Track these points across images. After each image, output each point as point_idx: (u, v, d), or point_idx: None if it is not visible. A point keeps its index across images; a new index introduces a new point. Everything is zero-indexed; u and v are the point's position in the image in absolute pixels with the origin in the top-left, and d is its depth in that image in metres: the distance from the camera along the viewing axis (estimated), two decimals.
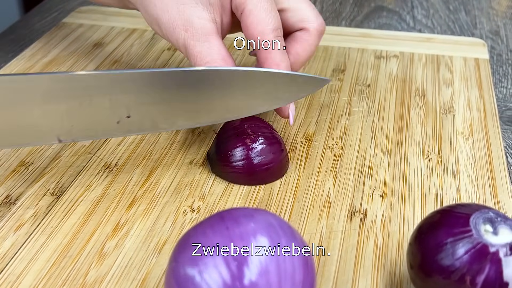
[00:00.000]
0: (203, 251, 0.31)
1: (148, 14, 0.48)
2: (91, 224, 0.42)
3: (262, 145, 0.46)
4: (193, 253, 0.32)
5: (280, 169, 0.47)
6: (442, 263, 0.33)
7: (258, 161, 0.45)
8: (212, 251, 0.31)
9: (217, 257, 0.31)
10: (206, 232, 0.32)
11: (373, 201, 0.45)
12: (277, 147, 0.46)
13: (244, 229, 0.32)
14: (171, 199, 0.45)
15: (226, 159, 0.46)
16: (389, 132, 0.52)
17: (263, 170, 0.46)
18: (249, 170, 0.45)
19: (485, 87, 0.59)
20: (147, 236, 0.42)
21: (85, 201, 0.45)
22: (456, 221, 0.34)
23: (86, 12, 0.74)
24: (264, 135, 0.46)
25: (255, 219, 0.33)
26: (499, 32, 0.75)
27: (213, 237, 0.32)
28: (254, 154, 0.45)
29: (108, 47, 0.66)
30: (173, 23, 0.46)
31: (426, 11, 0.81)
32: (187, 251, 0.32)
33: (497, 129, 0.53)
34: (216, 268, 0.31)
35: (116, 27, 0.70)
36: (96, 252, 0.40)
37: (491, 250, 0.32)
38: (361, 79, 0.60)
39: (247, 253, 0.31)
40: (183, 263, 0.32)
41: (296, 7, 0.50)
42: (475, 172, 0.48)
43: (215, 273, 0.30)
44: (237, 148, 0.45)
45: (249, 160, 0.45)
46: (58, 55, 0.64)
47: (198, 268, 0.31)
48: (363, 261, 0.40)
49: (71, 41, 0.67)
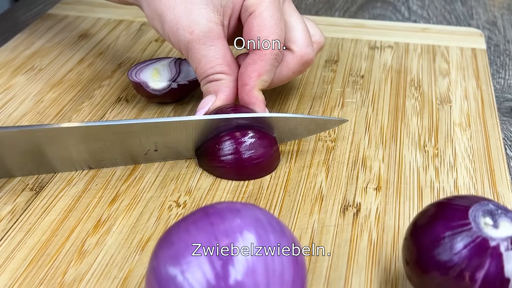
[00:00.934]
0: (186, 248, 0.29)
1: (151, 9, 0.45)
2: (71, 221, 0.40)
3: (252, 139, 0.44)
4: (175, 251, 0.30)
5: (270, 164, 0.45)
6: (440, 258, 0.31)
7: (248, 155, 0.43)
8: (195, 249, 0.29)
9: (201, 255, 0.29)
10: (189, 228, 0.30)
11: (367, 195, 0.43)
12: (267, 141, 0.44)
13: (229, 225, 0.30)
14: (156, 194, 0.43)
15: (214, 153, 0.44)
16: (383, 123, 0.50)
17: (252, 165, 0.44)
18: (238, 164, 0.43)
19: (483, 77, 0.57)
20: (130, 233, 0.40)
21: (65, 196, 0.43)
22: (454, 213, 0.32)
23: (72, 3, 0.72)
24: (254, 128, 0.44)
25: (242, 214, 0.31)
26: (496, 23, 0.73)
27: (197, 234, 0.30)
28: (243, 148, 0.43)
29: (94, 39, 0.64)
30: (178, 23, 0.43)
31: (421, 1, 0.79)
32: (168, 249, 0.30)
33: (496, 120, 0.51)
34: (199, 267, 0.29)
35: (103, 18, 0.68)
36: (75, 249, 0.38)
37: (492, 244, 0.30)
38: (355, 70, 0.58)
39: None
40: (164, 262, 0.30)
41: (292, 26, 0.47)
42: (473, 164, 0.46)
43: (198, 272, 0.28)
44: (226, 142, 0.44)
45: (238, 155, 0.43)
46: (42, 46, 0.62)
47: (180, 268, 0.29)
48: (357, 257, 0.38)
49: (55, 32, 0.65)
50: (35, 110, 0.52)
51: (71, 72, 0.57)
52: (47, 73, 0.57)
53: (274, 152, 0.45)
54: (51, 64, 0.59)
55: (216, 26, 0.44)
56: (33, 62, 0.59)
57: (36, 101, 0.53)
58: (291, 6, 0.48)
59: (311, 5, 0.77)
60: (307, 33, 0.47)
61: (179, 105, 0.52)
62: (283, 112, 0.52)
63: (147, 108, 0.52)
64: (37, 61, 0.59)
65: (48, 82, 0.56)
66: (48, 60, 0.59)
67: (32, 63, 0.59)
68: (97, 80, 0.56)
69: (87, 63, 0.59)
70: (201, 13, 0.43)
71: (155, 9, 0.45)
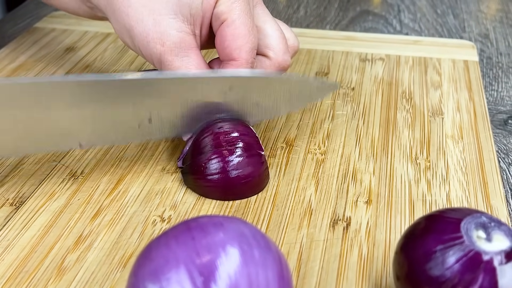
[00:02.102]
0: (166, 264, 0.28)
1: (119, 24, 0.43)
2: (51, 236, 0.39)
3: (240, 158, 0.42)
4: (154, 267, 0.28)
5: (259, 183, 0.43)
6: (431, 273, 0.30)
7: (235, 174, 0.42)
8: (176, 265, 0.28)
9: (181, 271, 0.28)
10: (169, 243, 0.29)
11: (357, 208, 0.42)
12: (256, 160, 0.43)
13: (212, 239, 0.29)
14: (140, 209, 0.41)
15: (200, 171, 0.42)
16: (374, 136, 0.49)
17: (240, 184, 0.42)
18: (225, 184, 0.42)
19: (475, 89, 0.56)
20: (111, 249, 0.38)
21: (46, 211, 0.41)
22: (445, 226, 0.31)
23: (59, 17, 0.71)
24: (243, 146, 0.42)
25: (225, 228, 0.30)
26: (489, 35, 0.72)
27: (177, 249, 0.29)
28: (231, 167, 0.42)
29: (81, 52, 0.63)
30: (147, 36, 0.42)
31: (413, 15, 0.78)
32: (147, 265, 0.29)
33: (488, 132, 0.50)
34: (179, 284, 0.27)
35: (90, 31, 0.67)
36: (55, 266, 0.37)
37: (485, 258, 0.29)
38: (346, 82, 0.57)
39: (214, 266, 0.28)
40: (143, 279, 0.28)
41: (267, 32, 0.45)
42: (466, 177, 0.45)
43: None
44: (212, 160, 0.42)
45: (225, 174, 0.42)
46: (26, 60, 0.61)
47: (159, 284, 0.28)
48: (347, 272, 0.37)
49: (42, 46, 0.64)
50: None
51: None
52: None
53: (263, 171, 0.43)
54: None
55: (188, 36, 0.42)
56: (18, 75, 0.58)
57: None
58: (264, 10, 0.46)
59: (302, 18, 0.76)
60: (283, 39, 0.46)
61: None
62: (272, 126, 0.51)
63: None
64: (22, 75, 0.58)
65: None
66: (33, 73, 0.58)
67: (17, 76, 0.58)
68: None
69: None
70: (171, 23, 0.42)
71: (123, 24, 0.43)
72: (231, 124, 0.44)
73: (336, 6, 0.80)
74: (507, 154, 0.50)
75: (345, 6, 0.80)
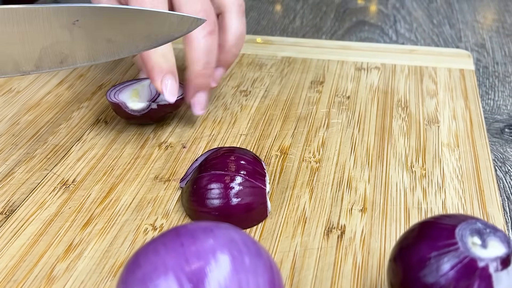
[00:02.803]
0: (154, 271, 0.27)
1: None
2: (41, 245, 0.39)
3: (241, 186, 0.40)
4: (143, 273, 0.28)
5: (260, 213, 0.41)
6: (426, 280, 0.29)
7: (236, 202, 0.39)
8: (164, 271, 0.27)
9: (170, 278, 0.27)
10: (158, 249, 0.29)
11: (352, 217, 0.41)
12: (259, 192, 0.40)
13: (201, 246, 0.28)
14: (132, 217, 0.41)
15: (200, 194, 0.40)
16: (369, 144, 0.49)
17: (239, 213, 0.40)
18: (224, 211, 0.39)
19: (471, 97, 0.56)
20: (102, 258, 0.38)
21: (36, 220, 0.41)
22: (440, 233, 0.30)
23: None
24: (246, 174, 0.40)
25: (215, 234, 0.29)
26: (485, 45, 0.72)
27: (166, 255, 0.28)
28: (232, 194, 0.39)
29: None
30: None
31: (409, 25, 0.78)
32: (136, 272, 0.28)
33: (485, 140, 0.49)
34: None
35: None
36: (44, 275, 0.36)
37: (480, 265, 0.28)
38: (341, 90, 0.57)
39: (204, 273, 0.27)
40: (131, 285, 0.28)
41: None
42: (462, 185, 0.44)
43: None
44: (213, 184, 0.40)
45: (226, 200, 0.39)
46: None
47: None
48: (341, 281, 0.36)
49: None
50: (10, 133, 0.50)
51: (49, 95, 0.56)
52: (25, 96, 0.56)
53: (262, 205, 0.41)
54: (29, 87, 0.57)
55: None
56: (11, 84, 0.58)
57: (12, 124, 0.51)
58: None
59: (298, 28, 0.76)
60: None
61: (159, 126, 0.51)
62: (266, 134, 0.50)
63: (126, 130, 0.50)
64: (15, 83, 0.58)
65: (25, 104, 0.54)
66: (27, 82, 0.58)
67: (10, 86, 0.58)
68: (76, 102, 0.55)
69: (66, 86, 0.58)
70: None
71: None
72: (242, 152, 0.43)
73: (332, 17, 0.80)
74: (503, 162, 0.49)
75: (341, 17, 0.80)
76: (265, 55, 0.64)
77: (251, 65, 0.62)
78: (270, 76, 0.60)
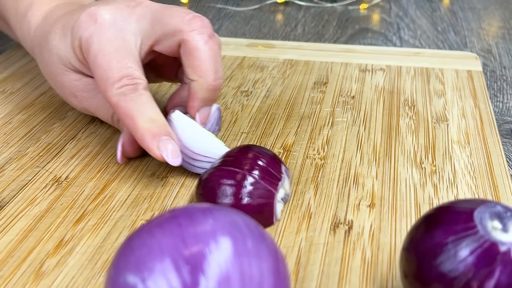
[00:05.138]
0: (148, 253, 0.25)
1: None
2: (30, 241, 0.36)
3: (252, 186, 0.37)
4: (136, 256, 0.25)
5: (265, 218, 0.38)
6: (442, 268, 0.27)
7: (244, 202, 0.37)
8: (159, 254, 0.25)
9: (166, 261, 0.25)
10: (153, 231, 0.26)
11: (359, 212, 0.39)
12: (268, 194, 0.38)
13: (200, 227, 0.26)
14: (127, 213, 0.39)
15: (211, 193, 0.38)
16: (376, 142, 0.47)
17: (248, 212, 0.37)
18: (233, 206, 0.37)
19: (480, 97, 0.54)
20: (94, 253, 0.35)
21: (26, 216, 0.38)
22: (457, 217, 0.28)
23: None
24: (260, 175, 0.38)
25: (215, 215, 0.27)
26: (491, 50, 0.70)
27: (162, 237, 0.26)
28: (241, 193, 0.37)
29: None
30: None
31: (413, 32, 0.77)
32: (128, 255, 0.26)
33: (496, 138, 0.47)
34: (163, 275, 0.24)
35: None
36: (32, 271, 0.34)
37: (502, 250, 0.26)
38: (345, 91, 0.55)
39: (203, 256, 0.25)
40: (123, 270, 0.25)
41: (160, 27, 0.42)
42: (475, 181, 0.42)
43: (161, 280, 0.24)
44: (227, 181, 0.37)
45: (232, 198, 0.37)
46: (15, 71, 0.59)
47: (141, 275, 0.25)
48: (349, 276, 0.34)
49: (31, 58, 0.62)
50: (2, 131, 0.48)
51: (44, 95, 0.54)
52: (19, 96, 0.54)
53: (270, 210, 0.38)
54: (23, 88, 0.55)
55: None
56: (5, 86, 0.56)
57: (4, 123, 0.49)
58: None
59: (300, 35, 0.75)
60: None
61: None
62: (269, 132, 0.48)
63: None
64: (9, 85, 0.56)
65: (19, 104, 0.52)
66: (21, 84, 0.56)
67: (4, 87, 0.56)
68: None
69: None
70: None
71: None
72: (263, 151, 0.40)
73: (335, 24, 0.79)
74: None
75: (344, 24, 0.79)
76: (267, 57, 0.63)
77: (252, 67, 0.60)
78: (272, 78, 0.58)
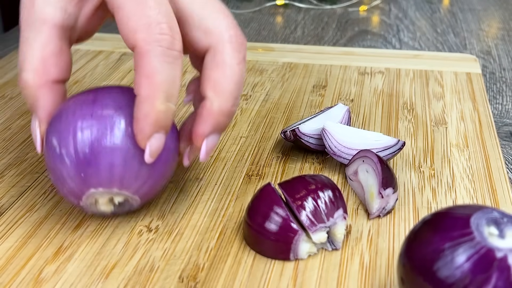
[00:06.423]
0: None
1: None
2: (29, 248, 0.36)
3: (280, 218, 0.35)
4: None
5: (281, 252, 0.36)
6: (440, 274, 0.27)
7: (269, 228, 0.35)
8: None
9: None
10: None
11: (358, 217, 0.39)
12: (290, 230, 0.35)
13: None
14: (126, 219, 0.39)
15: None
16: None
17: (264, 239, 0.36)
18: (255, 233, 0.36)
19: (479, 99, 0.54)
20: (93, 260, 0.35)
21: (25, 222, 0.38)
22: (454, 223, 0.28)
23: None
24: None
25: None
26: (491, 52, 0.70)
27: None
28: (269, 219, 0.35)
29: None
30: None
31: (412, 34, 0.77)
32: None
33: (495, 141, 0.47)
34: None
35: (81, 49, 0.65)
36: (31, 278, 0.34)
37: (498, 256, 0.26)
38: (344, 94, 0.55)
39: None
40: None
41: (199, 15, 0.36)
42: (473, 185, 0.42)
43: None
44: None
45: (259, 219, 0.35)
46: (15, 76, 0.59)
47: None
48: (347, 281, 0.34)
49: None
50: (1, 137, 0.48)
51: None
52: (18, 101, 0.54)
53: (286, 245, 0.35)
54: None
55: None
56: (4, 91, 0.56)
57: (4, 128, 0.49)
58: None
59: (300, 38, 0.75)
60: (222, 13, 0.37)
61: None
62: (267, 136, 0.48)
63: None
64: (9, 90, 0.56)
65: (18, 110, 0.53)
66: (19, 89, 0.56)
67: (3, 92, 0.56)
68: None
69: None
70: None
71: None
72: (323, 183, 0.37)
73: (334, 26, 0.79)
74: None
75: (343, 26, 0.79)
76: (266, 61, 0.63)
77: (251, 70, 0.60)
78: (271, 81, 0.58)
